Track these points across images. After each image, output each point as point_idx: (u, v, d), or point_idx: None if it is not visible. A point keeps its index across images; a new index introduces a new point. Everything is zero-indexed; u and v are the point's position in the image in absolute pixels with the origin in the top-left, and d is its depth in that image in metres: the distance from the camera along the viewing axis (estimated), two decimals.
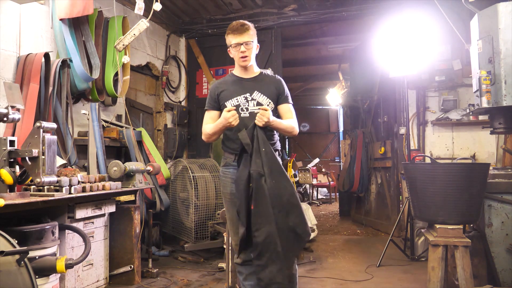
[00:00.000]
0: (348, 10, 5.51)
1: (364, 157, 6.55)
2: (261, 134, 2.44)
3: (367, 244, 5.29)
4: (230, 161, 2.63)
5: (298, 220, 2.42)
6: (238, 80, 2.70)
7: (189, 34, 6.24)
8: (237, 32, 2.58)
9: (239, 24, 2.61)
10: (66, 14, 3.55)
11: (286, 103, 2.68)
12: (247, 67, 2.67)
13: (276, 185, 2.40)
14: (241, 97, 2.62)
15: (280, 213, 2.39)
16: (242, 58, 2.61)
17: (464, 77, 5.10)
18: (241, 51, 2.58)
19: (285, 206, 2.41)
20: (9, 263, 1.96)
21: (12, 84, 3.05)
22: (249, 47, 2.59)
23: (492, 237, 2.98)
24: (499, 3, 2.92)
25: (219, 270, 4.07)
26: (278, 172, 2.44)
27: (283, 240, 2.38)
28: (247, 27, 2.60)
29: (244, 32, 2.57)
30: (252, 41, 2.61)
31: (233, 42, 2.59)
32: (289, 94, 2.74)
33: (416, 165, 3.29)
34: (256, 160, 2.42)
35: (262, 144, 2.43)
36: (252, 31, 2.63)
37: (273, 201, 2.39)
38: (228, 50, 2.68)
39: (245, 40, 2.57)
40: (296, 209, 2.43)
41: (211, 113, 2.69)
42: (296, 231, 2.41)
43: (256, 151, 2.43)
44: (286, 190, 2.43)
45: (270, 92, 2.65)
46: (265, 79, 2.70)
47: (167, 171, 4.95)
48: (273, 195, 2.39)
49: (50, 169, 2.74)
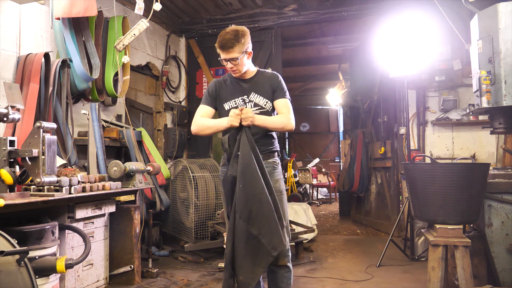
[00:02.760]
0: (348, 10, 5.51)
1: (364, 157, 6.56)
2: (244, 137, 2.39)
3: (367, 244, 5.29)
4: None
5: (265, 230, 2.33)
6: (236, 81, 2.68)
7: (189, 34, 6.25)
8: (222, 49, 2.52)
9: (225, 40, 2.50)
10: (64, 13, 3.50)
11: (281, 98, 2.63)
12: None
13: (244, 190, 2.35)
14: (238, 99, 2.63)
15: (240, 219, 2.35)
16: (232, 71, 2.60)
17: (464, 77, 5.10)
18: (229, 67, 2.57)
19: (249, 212, 2.34)
20: (9, 263, 1.96)
21: (12, 84, 3.05)
22: (235, 63, 2.53)
23: (492, 237, 2.98)
24: (499, 3, 2.92)
25: (219, 270, 4.07)
26: (250, 177, 2.35)
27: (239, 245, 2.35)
28: (231, 44, 2.49)
29: (229, 49, 2.50)
30: (238, 57, 2.52)
31: (221, 57, 2.56)
32: (286, 89, 2.69)
33: (416, 165, 3.29)
34: (233, 164, 2.40)
35: (242, 147, 2.38)
36: (239, 47, 2.51)
37: (237, 205, 2.36)
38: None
39: (231, 57, 2.52)
40: (264, 218, 2.33)
41: (206, 108, 2.66)
42: (260, 240, 2.33)
43: (234, 155, 2.40)
44: (255, 197, 2.34)
45: (266, 91, 2.63)
46: (261, 79, 2.68)
47: (167, 171, 4.95)
48: (238, 199, 2.36)
49: (50, 169, 2.74)
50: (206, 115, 2.64)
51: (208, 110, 2.66)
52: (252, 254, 2.35)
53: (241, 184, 2.35)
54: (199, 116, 2.64)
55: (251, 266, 2.36)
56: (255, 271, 2.37)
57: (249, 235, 2.34)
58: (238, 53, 2.52)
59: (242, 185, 2.35)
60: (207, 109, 2.66)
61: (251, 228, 2.33)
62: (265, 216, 2.34)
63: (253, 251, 2.35)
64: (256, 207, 2.34)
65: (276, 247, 2.35)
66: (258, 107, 2.61)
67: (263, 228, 2.34)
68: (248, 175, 2.36)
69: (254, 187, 2.35)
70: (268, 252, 2.34)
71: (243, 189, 2.35)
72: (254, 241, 2.34)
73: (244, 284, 2.35)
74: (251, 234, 2.33)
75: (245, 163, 2.36)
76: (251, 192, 2.35)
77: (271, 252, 2.34)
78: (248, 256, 2.35)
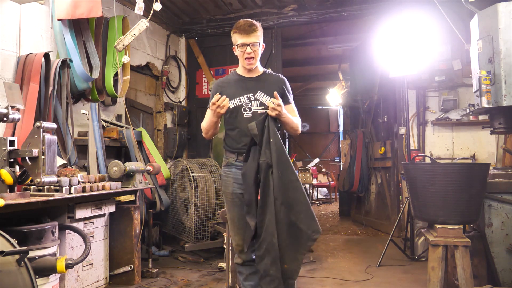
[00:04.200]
0: (348, 10, 5.51)
1: (364, 157, 6.55)
2: (272, 125, 2.39)
3: (367, 244, 5.29)
4: (232, 160, 2.60)
5: (302, 216, 2.34)
6: (241, 79, 2.64)
7: (189, 34, 6.25)
8: (244, 33, 2.51)
9: (247, 24, 2.52)
10: (67, 14, 3.50)
11: (289, 103, 2.64)
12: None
13: (281, 177, 2.35)
14: (244, 97, 2.57)
15: (282, 205, 2.34)
16: (247, 60, 2.55)
17: (464, 77, 5.10)
18: (247, 52, 2.52)
19: (288, 199, 2.35)
20: (9, 263, 1.96)
21: (12, 84, 3.05)
22: (255, 48, 2.53)
23: (492, 237, 2.98)
24: (499, 3, 2.92)
25: (219, 270, 4.07)
26: (285, 165, 2.36)
27: (282, 233, 2.34)
28: (255, 27, 2.52)
29: (251, 33, 2.50)
30: (259, 42, 2.55)
31: (239, 42, 2.52)
32: (292, 93, 2.71)
33: (416, 165, 3.29)
34: (266, 150, 2.37)
35: (273, 134, 2.37)
36: (260, 32, 2.56)
37: (276, 192, 2.34)
38: (233, 48, 2.62)
39: (252, 41, 2.51)
40: (301, 204, 2.35)
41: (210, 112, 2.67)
42: (299, 226, 2.34)
43: (266, 142, 2.37)
44: (291, 184, 2.36)
45: (274, 92, 2.56)
46: (268, 79, 2.65)
47: (167, 171, 4.95)
48: (277, 186, 2.35)
49: (50, 169, 2.74)
50: None
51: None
52: (293, 241, 2.36)
53: (279, 171, 2.35)
54: (204, 121, 2.64)
55: (294, 254, 2.37)
56: (298, 258, 2.39)
57: (290, 222, 2.35)
58: (259, 38, 2.54)
59: (280, 172, 2.35)
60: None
61: (291, 214, 2.34)
62: (302, 202, 2.36)
63: (294, 238, 2.36)
64: (292, 193, 2.36)
65: (316, 230, 2.35)
66: (264, 106, 2.55)
67: (301, 213, 2.35)
68: (284, 162, 2.37)
69: (291, 173, 2.37)
70: (309, 236, 2.34)
71: (281, 176, 2.35)
72: (293, 228, 2.35)
73: (291, 272, 2.37)
74: (292, 221, 2.34)
75: (280, 150, 2.36)
76: (288, 179, 2.36)
77: (312, 236, 2.34)
78: (291, 244, 2.35)
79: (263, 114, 2.49)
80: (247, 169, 2.44)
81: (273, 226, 2.33)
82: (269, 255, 2.33)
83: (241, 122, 2.54)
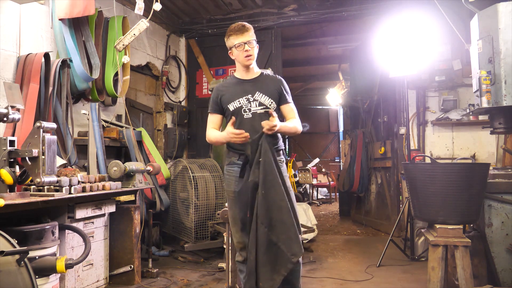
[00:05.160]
0: (348, 10, 5.51)
1: (364, 157, 6.55)
2: (265, 144, 2.44)
3: (367, 244, 5.29)
4: (235, 159, 2.66)
5: (284, 237, 2.38)
6: (240, 82, 2.73)
7: (189, 34, 6.24)
8: (239, 32, 2.63)
9: (240, 24, 2.66)
10: (66, 14, 3.55)
11: (288, 103, 2.72)
12: (249, 69, 2.71)
13: (265, 197, 2.39)
14: (243, 98, 2.65)
15: (262, 224, 2.38)
16: (247, 57, 2.64)
17: (464, 77, 5.10)
18: (245, 50, 2.62)
19: (270, 219, 2.38)
20: (9, 263, 1.96)
21: (12, 84, 3.05)
22: (252, 45, 2.64)
23: (492, 237, 2.98)
24: (499, 3, 2.92)
25: (219, 270, 4.07)
26: (271, 184, 2.40)
27: (260, 252, 2.38)
28: (248, 27, 2.66)
29: (245, 32, 2.63)
30: (254, 39, 2.66)
31: (236, 42, 2.63)
32: (290, 93, 2.76)
33: (416, 165, 3.29)
34: (255, 170, 2.44)
35: (263, 153, 2.42)
36: (252, 31, 2.67)
37: (259, 211, 2.39)
38: (229, 53, 2.72)
39: (248, 39, 2.62)
40: (283, 225, 2.38)
41: (214, 116, 2.75)
42: (280, 247, 2.38)
43: (256, 161, 2.44)
44: (275, 204, 2.39)
45: (271, 92, 2.67)
46: (266, 80, 2.73)
47: (167, 171, 4.95)
48: (260, 205, 2.39)
49: (50, 169, 2.74)
50: (214, 123, 2.75)
51: (215, 118, 2.76)
52: (271, 261, 2.39)
53: (263, 190, 2.39)
54: (209, 127, 2.75)
55: (271, 274, 2.38)
56: (275, 278, 2.39)
57: (269, 242, 2.38)
58: (253, 36, 2.66)
59: (264, 192, 2.39)
60: (214, 117, 2.76)
61: (271, 234, 2.37)
62: (284, 223, 2.38)
63: (273, 258, 2.39)
64: (276, 214, 2.39)
65: (296, 254, 2.38)
66: (263, 106, 2.64)
67: (282, 234, 2.38)
68: (270, 181, 2.40)
69: (275, 194, 2.40)
70: (288, 258, 2.37)
71: (264, 196, 2.39)
72: (274, 248, 2.38)
73: None
74: (271, 241, 2.38)
75: (267, 170, 2.41)
76: (272, 199, 2.39)
77: (291, 259, 2.37)
78: (267, 263, 2.38)
79: (262, 114, 2.59)
80: (242, 188, 2.53)
81: (252, 244, 2.39)
82: (247, 270, 2.43)
83: (242, 123, 2.61)
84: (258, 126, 2.51)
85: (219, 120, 2.76)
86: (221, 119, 2.76)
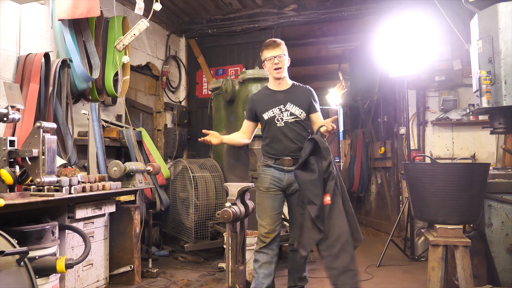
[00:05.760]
0: (348, 10, 5.51)
1: (364, 157, 6.55)
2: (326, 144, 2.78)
3: (367, 244, 5.28)
4: (271, 163, 2.96)
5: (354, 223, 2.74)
6: (272, 93, 3.01)
7: (189, 34, 6.24)
8: (270, 47, 2.93)
9: (272, 40, 3.00)
10: (67, 14, 3.52)
11: (316, 111, 3.01)
12: (280, 80, 2.97)
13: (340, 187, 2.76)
14: (276, 109, 2.94)
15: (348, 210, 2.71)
16: (276, 70, 2.92)
17: (464, 77, 5.10)
18: (275, 63, 2.91)
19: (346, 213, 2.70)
20: (9, 263, 1.96)
21: (12, 84, 3.05)
22: (281, 59, 2.92)
23: (492, 237, 2.98)
24: (499, 3, 2.92)
25: (219, 270, 4.07)
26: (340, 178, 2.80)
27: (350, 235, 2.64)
28: (278, 42, 2.97)
29: (276, 47, 2.93)
30: (284, 54, 2.94)
31: (267, 56, 2.93)
32: (318, 101, 3.06)
33: (416, 165, 3.29)
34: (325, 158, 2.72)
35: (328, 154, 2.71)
36: (284, 46, 2.97)
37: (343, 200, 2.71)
38: (263, 65, 3.02)
39: (278, 53, 2.91)
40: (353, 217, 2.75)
41: (247, 122, 3.12)
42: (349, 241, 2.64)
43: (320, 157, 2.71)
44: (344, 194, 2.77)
45: (302, 102, 2.95)
46: (296, 91, 3.01)
47: (167, 171, 4.95)
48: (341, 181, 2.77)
49: (50, 169, 2.74)
50: (245, 127, 3.14)
51: (247, 124, 3.13)
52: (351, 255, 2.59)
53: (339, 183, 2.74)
54: (240, 130, 3.16)
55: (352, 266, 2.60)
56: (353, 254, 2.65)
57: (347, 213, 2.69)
58: (284, 51, 2.95)
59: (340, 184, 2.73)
60: (246, 123, 3.13)
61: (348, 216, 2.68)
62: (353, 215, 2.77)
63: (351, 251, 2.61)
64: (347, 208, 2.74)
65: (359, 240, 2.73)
66: (293, 116, 2.93)
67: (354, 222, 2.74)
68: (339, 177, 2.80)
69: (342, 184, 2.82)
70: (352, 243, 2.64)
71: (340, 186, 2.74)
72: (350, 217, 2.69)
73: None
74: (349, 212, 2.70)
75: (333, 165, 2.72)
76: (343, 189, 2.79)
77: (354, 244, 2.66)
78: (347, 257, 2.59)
79: (293, 123, 2.92)
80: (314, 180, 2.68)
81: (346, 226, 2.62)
82: (347, 253, 2.58)
83: (275, 131, 2.93)
84: (289, 134, 2.88)
85: (250, 126, 3.11)
86: (252, 126, 3.11)
